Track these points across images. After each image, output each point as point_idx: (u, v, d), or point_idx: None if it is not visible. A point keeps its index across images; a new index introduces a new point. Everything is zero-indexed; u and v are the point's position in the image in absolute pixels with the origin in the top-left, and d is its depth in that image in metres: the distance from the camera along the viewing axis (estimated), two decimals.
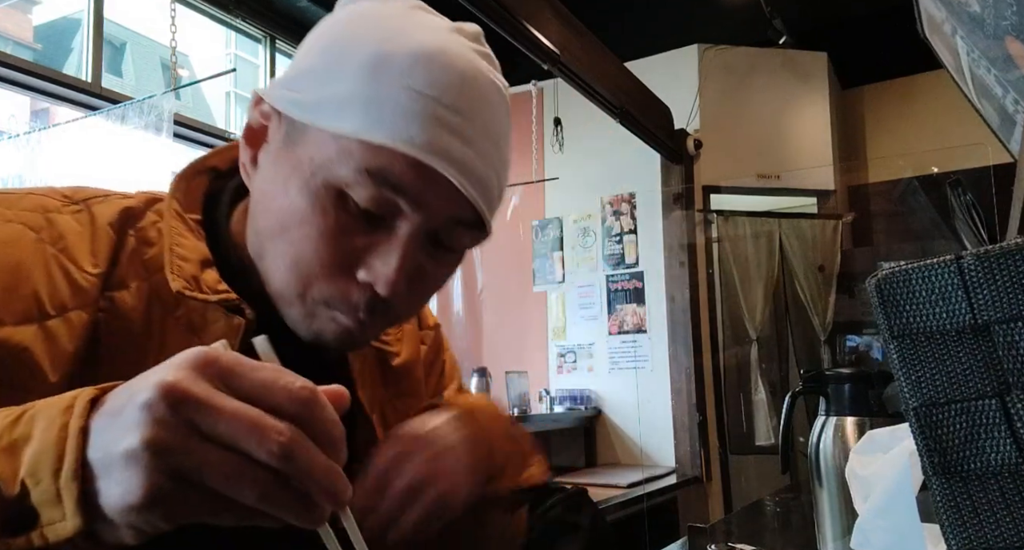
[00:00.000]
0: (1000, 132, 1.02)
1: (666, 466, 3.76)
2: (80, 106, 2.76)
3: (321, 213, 0.53)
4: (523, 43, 2.46)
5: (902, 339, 0.36)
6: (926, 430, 0.35)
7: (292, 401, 0.36)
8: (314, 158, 0.53)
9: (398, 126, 0.51)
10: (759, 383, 3.83)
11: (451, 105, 0.53)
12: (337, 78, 0.53)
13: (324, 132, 0.53)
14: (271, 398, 0.36)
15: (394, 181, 0.52)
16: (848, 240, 4.17)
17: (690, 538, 1.25)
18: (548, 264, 4.24)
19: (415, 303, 0.62)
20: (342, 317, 0.56)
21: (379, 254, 0.54)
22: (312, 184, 0.53)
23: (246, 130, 0.60)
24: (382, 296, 0.54)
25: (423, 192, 0.53)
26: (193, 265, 0.57)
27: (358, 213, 0.54)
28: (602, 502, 2.83)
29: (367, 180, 0.52)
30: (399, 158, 0.51)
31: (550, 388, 4.09)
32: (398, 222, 0.54)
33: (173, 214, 0.59)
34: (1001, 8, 0.74)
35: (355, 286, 0.55)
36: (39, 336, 0.50)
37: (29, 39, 4.00)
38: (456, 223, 0.56)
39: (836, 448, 0.98)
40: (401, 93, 0.51)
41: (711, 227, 3.95)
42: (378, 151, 0.51)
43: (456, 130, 0.53)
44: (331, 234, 0.54)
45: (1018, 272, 0.33)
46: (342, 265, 0.54)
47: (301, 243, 0.54)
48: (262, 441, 0.34)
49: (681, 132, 3.88)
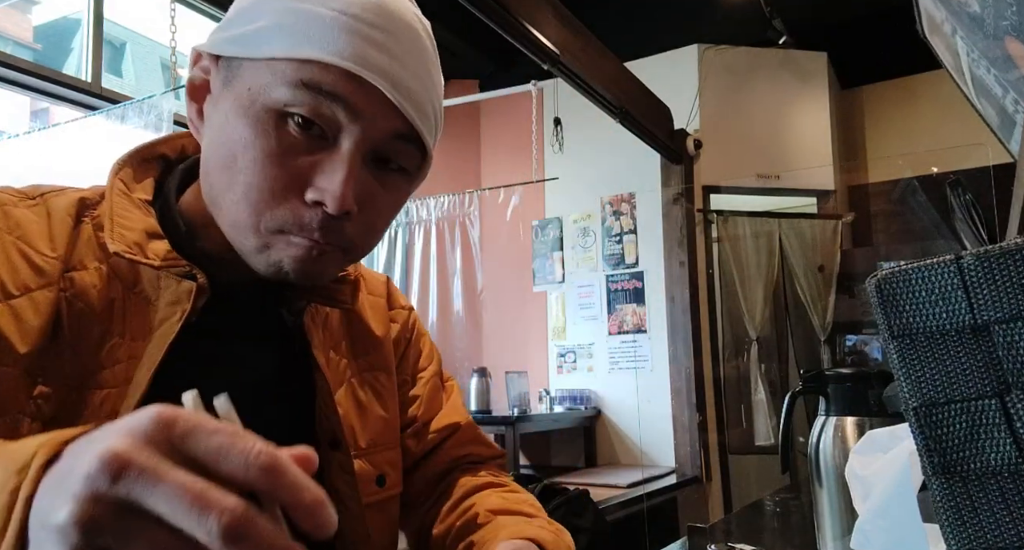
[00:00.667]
0: (1000, 132, 1.02)
1: (666, 466, 3.76)
2: (80, 106, 2.76)
3: (264, 136, 0.55)
4: (523, 43, 2.45)
5: (902, 339, 0.36)
6: (926, 430, 0.35)
7: (249, 468, 0.32)
8: (251, 87, 0.56)
9: (326, 41, 0.54)
10: (759, 383, 3.83)
11: (374, 23, 0.55)
12: (263, 10, 0.57)
13: (257, 61, 0.56)
14: (226, 465, 0.33)
15: (328, 90, 0.54)
16: (848, 240, 4.17)
17: (690, 538, 1.25)
18: (548, 264, 4.24)
19: (368, 228, 0.61)
20: (296, 239, 0.57)
21: (324, 171, 0.56)
22: (252, 111, 0.56)
23: (188, 86, 0.63)
24: (332, 213, 0.56)
25: (358, 102, 0.55)
26: (137, 233, 0.59)
27: (300, 133, 0.56)
28: (602, 502, 2.83)
29: (303, 92, 0.54)
30: (331, 70, 0.54)
31: (550, 388, 4.09)
32: (340, 139, 0.57)
33: (117, 192, 0.61)
34: (1001, 8, 0.74)
35: (305, 207, 0.57)
36: (5, 313, 0.53)
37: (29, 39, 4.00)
38: (395, 138, 0.59)
39: (836, 448, 0.98)
40: (325, 13, 0.54)
41: (711, 227, 3.95)
42: (310, 65, 0.54)
43: (382, 46, 0.55)
44: (276, 156, 0.55)
45: (1018, 272, 0.33)
46: (290, 186, 0.56)
47: (249, 170, 0.56)
48: (203, 519, 0.30)
49: (681, 132, 3.88)
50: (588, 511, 2.41)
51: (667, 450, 3.80)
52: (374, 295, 0.81)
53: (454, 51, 4.38)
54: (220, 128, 0.58)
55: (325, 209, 0.56)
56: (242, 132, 0.56)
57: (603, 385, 4.02)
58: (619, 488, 3.19)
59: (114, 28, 4.19)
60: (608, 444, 3.98)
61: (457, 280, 4.03)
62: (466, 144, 4.51)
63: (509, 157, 4.29)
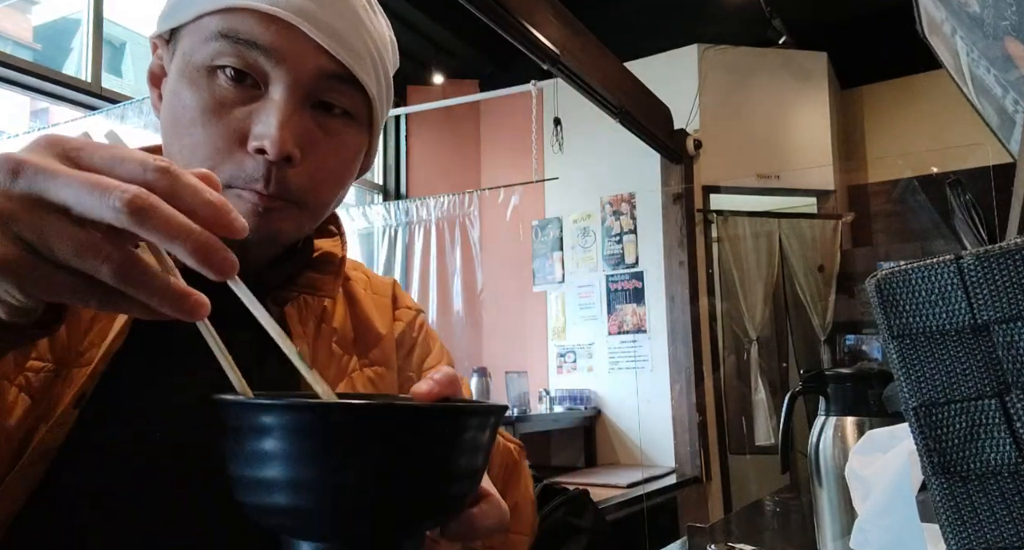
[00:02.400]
0: (1000, 132, 1.02)
1: (666, 466, 3.76)
2: (80, 106, 2.76)
3: (199, 95, 0.57)
4: (523, 43, 2.46)
5: (902, 339, 0.36)
6: (926, 430, 0.35)
7: (147, 171, 0.33)
8: (185, 51, 0.58)
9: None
10: (759, 383, 3.83)
11: None
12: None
13: (187, 26, 0.58)
14: (122, 169, 0.33)
15: (247, 37, 0.55)
16: (848, 240, 4.17)
17: (690, 538, 1.25)
18: (548, 264, 4.24)
19: (316, 178, 0.60)
20: (244, 193, 0.57)
21: (260, 119, 0.56)
22: (187, 73, 0.57)
23: (148, 76, 0.64)
24: (272, 160, 0.56)
25: (279, 44, 0.56)
26: None
27: (232, 86, 0.56)
28: (602, 502, 2.83)
29: (224, 43, 0.55)
30: (248, 15, 0.55)
31: (550, 388, 4.09)
32: (270, 85, 0.57)
33: None
34: (1001, 8, 0.74)
35: (248, 157, 0.57)
36: None
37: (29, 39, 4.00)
38: (327, 77, 0.58)
39: (836, 448, 0.98)
40: None
41: (711, 227, 3.95)
42: (228, 15, 0.56)
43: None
44: (212, 111, 0.56)
45: (1018, 272, 0.33)
46: (231, 139, 0.57)
47: (191, 129, 0.57)
48: (104, 198, 0.31)
49: (681, 132, 3.88)
50: (588, 511, 2.41)
51: (667, 450, 3.80)
52: (378, 294, 0.80)
53: (454, 51, 4.38)
54: (167, 100, 0.59)
55: (267, 157, 0.56)
56: (183, 95, 0.57)
57: (603, 385, 4.02)
58: (619, 488, 3.19)
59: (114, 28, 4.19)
60: (608, 444, 3.98)
61: (457, 280, 4.03)
62: (466, 144, 4.51)
63: (509, 157, 4.29)
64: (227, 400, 0.40)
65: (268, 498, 0.39)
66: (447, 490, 0.42)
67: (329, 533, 0.40)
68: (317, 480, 0.38)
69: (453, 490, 0.42)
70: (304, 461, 0.37)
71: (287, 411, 0.37)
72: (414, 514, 0.41)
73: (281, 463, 0.38)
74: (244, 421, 0.39)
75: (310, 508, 0.38)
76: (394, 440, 0.38)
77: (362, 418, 0.38)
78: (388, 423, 0.39)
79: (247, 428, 0.39)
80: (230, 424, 0.40)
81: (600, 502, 2.80)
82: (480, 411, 0.43)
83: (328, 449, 0.37)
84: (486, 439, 0.44)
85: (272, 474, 0.38)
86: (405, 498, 0.40)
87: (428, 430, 0.40)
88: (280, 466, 0.38)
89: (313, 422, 0.37)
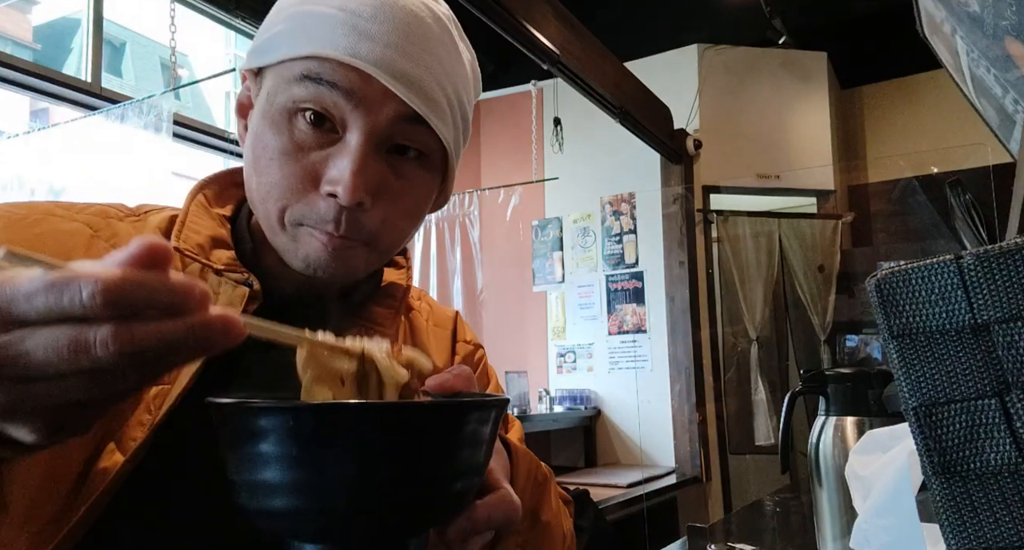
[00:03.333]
0: (1000, 132, 1.02)
1: (666, 466, 3.76)
2: (80, 106, 2.76)
3: (279, 135, 0.59)
4: (523, 43, 2.46)
5: (902, 339, 0.36)
6: (926, 430, 0.35)
7: (94, 304, 0.30)
8: (270, 92, 0.60)
9: (324, 37, 0.57)
10: (759, 383, 3.83)
11: (372, 17, 0.58)
12: (278, 18, 0.61)
13: (274, 66, 0.60)
14: (69, 312, 0.30)
15: (327, 79, 0.57)
16: (848, 240, 4.17)
17: (690, 538, 1.25)
18: (548, 264, 4.24)
19: (388, 220, 0.62)
20: (315, 232, 0.59)
21: (335, 163, 0.58)
22: (270, 114, 0.60)
23: (236, 106, 0.66)
24: (345, 205, 0.57)
25: (357, 91, 0.58)
26: (203, 238, 0.63)
27: (311, 129, 0.59)
28: (602, 502, 2.83)
29: (307, 85, 0.58)
30: (327, 63, 0.57)
31: (550, 388, 4.09)
32: (348, 131, 0.59)
33: (196, 204, 0.66)
34: (1001, 8, 0.74)
35: (321, 200, 0.59)
36: None
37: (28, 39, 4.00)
38: (401, 122, 0.60)
39: (836, 448, 0.98)
40: (326, 11, 0.58)
41: (711, 227, 3.95)
42: (310, 61, 0.58)
43: (377, 37, 0.58)
44: (290, 152, 0.59)
45: (1018, 272, 0.33)
46: (306, 181, 0.59)
47: (269, 168, 0.60)
48: (72, 293, 0.30)
49: (681, 132, 3.88)
50: (588, 511, 2.41)
51: (667, 450, 3.80)
52: (440, 327, 0.81)
53: None
54: (251, 137, 0.62)
55: (338, 201, 0.58)
56: (264, 135, 0.60)
57: (603, 385, 4.02)
58: (619, 488, 3.19)
59: (114, 28, 4.19)
60: (608, 444, 3.98)
61: (457, 280, 4.03)
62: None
63: (509, 157, 4.29)
64: (222, 404, 0.40)
65: (268, 502, 0.38)
66: (449, 487, 0.42)
67: (330, 535, 0.40)
68: (314, 482, 0.38)
69: (455, 486, 0.42)
70: (301, 463, 0.37)
71: (280, 413, 0.37)
72: (416, 512, 0.41)
73: (278, 465, 0.38)
74: (240, 425, 0.39)
75: (309, 510, 0.38)
76: (390, 439, 0.38)
77: (355, 418, 0.38)
78: (382, 422, 0.38)
79: (243, 431, 0.39)
80: (227, 428, 0.40)
81: (600, 502, 2.80)
82: (479, 405, 0.43)
83: (322, 451, 0.37)
84: (487, 433, 0.44)
85: (270, 477, 0.38)
86: (406, 496, 0.40)
87: (425, 427, 0.40)
88: (277, 469, 0.38)
89: (305, 424, 0.37)
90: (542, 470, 0.68)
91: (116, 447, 0.53)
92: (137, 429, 0.54)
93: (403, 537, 0.42)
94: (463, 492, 0.44)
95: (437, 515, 0.43)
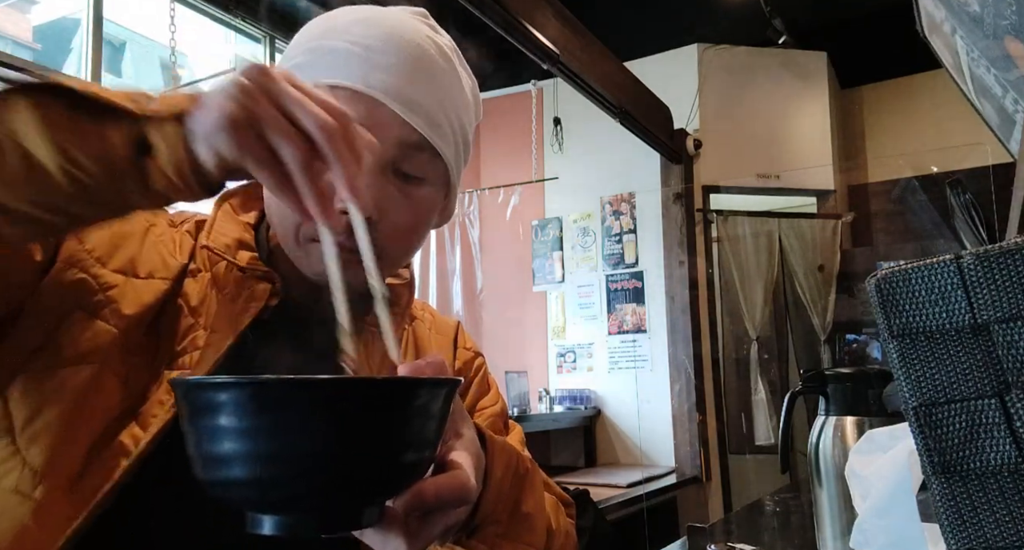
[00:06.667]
0: (1000, 132, 1.02)
1: (666, 466, 3.76)
2: None
3: None
4: (523, 43, 2.46)
5: (902, 339, 0.36)
6: (926, 430, 0.35)
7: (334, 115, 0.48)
8: None
9: (338, 69, 0.64)
10: (759, 383, 3.83)
11: (383, 50, 0.64)
12: (296, 52, 0.68)
13: None
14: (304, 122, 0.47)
15: None
16: (848, 240, 4.17)
17: (690, 538, 1.25)
18: (548, 264, 4.24)
19: (393, 235, 0.67)
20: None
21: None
22: None
23: None
24: None
25: (367, 118, 0.62)
26: (229, 240, 0.70)
27: None
28: (602, 502, 2.84)
29: None
30: (341, 93, 0.63)
31: (550, 388, 4.09)
32: None
33: (224, 211, 0.73)
34: (1001, 8, 0.74)
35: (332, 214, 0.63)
36: (128, 286, 0.64)
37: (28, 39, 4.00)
38: (408, 148, 0.65)
39: (836, 448, 0.99)
40: (340, 45, 0.65)
41: (711, 227, 3.95)
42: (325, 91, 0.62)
43: (387, 68, 0.64)
44: None
45: (1018, 272, 0.33)
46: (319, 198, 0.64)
47: None
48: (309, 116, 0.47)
49: (681, 132, 3.88)
50: (588, 511, 2.41)
51: (667, 450, 3.80)
52: (441, 335, 0.85)
53: None
54: None
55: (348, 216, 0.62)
56: None
57: (603, 385, 4.02)
58: (619, 488, 3.19)
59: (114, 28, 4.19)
60: (608, 444, 3.98)
61: (457, 280, 4.03)
62: None
63: (509, 157, 4.29)
64: (180, 381, 0.43)
65: (222, 473, 0.41)
66: (396, 459, 0.44)
67: (283, 505, 0.43)
68: (263, 453, 0.41)
69: (403, 459, 0.44)
70: (251, 436, 0.40)
71: (230, 388, 0.40)
72: (365, 483, 0.43)
73: (230, 438, 0.41)
74: (199, 400, 0.42)
75: (259, 481, 0.41)
76: (335, 413, 0.41)
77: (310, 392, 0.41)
78: (326, 396, 0.41)
79: (202, 407, 0.41)
80: (185, 403, 0.43)
81: (600, 502, 2.80)
82: (429, 383, 0.47)
83: (271, 424, 0.40)
84: (437, 410, 0.47)
85: (223, 449, 0.41)
86: (353, 467, 0.42)
87: (370, 401, 0.42)
88: (229, 441, 0.41)
89: (260, 398, 0.40)
90: (524, 463, 0.69)
91: (136, 423, 0.59)
92: (157, 407, 0.60)
93: (355, 507, 0.45)
94: (412, 465, 0.46)
95: (387, 487, 0.46)
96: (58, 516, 0.55)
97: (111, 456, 0.57)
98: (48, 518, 0.55)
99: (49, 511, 0.55)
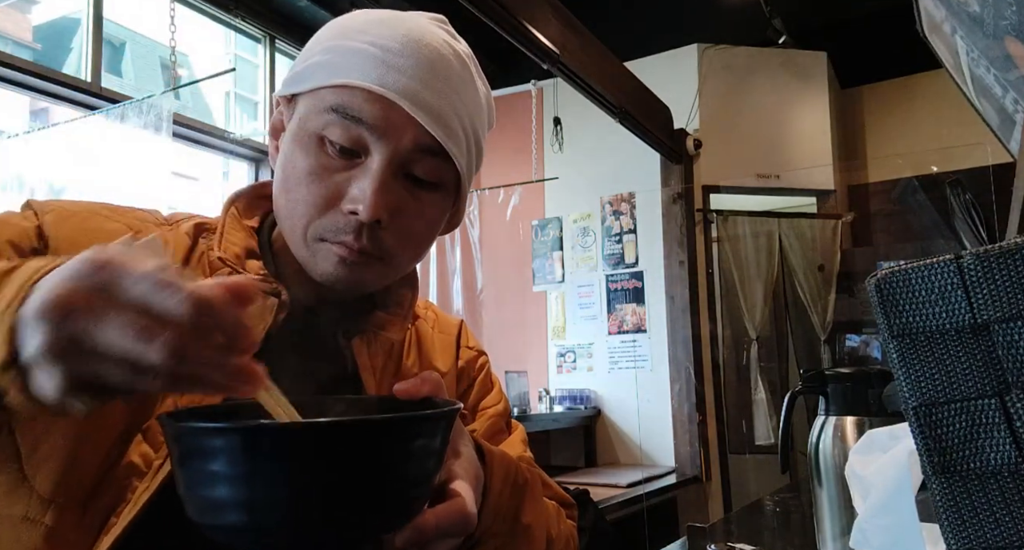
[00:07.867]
0: (1000, 132, 1.02)
1: (666, 466, 3.76)
2: (80, 106, 2.75)
3: (307, 157, 0.65)
4: (523, 43, 2.45)
5: (902, 339, 0.36)
6: (926, 430, 0.35)
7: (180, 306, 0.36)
8: (302, 117, 0.66)
9: (354, 69, 0.63)
10: (759, 383, 3.83)
11: (400, 52, 0.64)
12: (314, 50, 0.67)
13: (307, 94, 0.66)
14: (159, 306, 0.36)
15: (355, 113, 0.63)
16: (848, 240, 4.17)
17: (690, 538, 1.25)
18: (548, 264, 4.24)
19: (403, 238, 0.67)
20: (335, 247, 0.64)
21: (357, 183, 0.64)
22: (301, 137, 0.65)
23: (270, 129, 0.72)
24: (364, 220, 0.63)
25: (381, 120, 0.63)
26: (239, 248, 0.69)
27: (337, 155, 0.64)
28: (602, 502, 2.83)
29: (334, 117, 0.63)
30: (357, 93, 0.63)
31: (550, 388, 4.09)
32: (370, 156, 0.64)
33: (230, 216, 0.72)
34: (1001, 8, 0.74)
35: (343, 216, 0.64)
36: None
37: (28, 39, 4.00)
38: (421, 152, 0.65)
39: (836, 448, 0.98)
40: (358, 46, 0.64)
41: (711, 227, 3.95)
42: (340, 91, 0.63)
43: (404, 70, 0.63)
44: (316, 173, 0.64)
45: (1018, 272, 0.33)
46: (329, 199, 0.64)
47: (297, 187, 0.65)
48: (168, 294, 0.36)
49: (681, 132, 3.88)
50: (588, 511, 2.41)
51: (667, 450, 3.80)
52: (444, 333, 0.85)
53: None
54: (282, 157, 0.68)
55: (358, 217, 0.62)
56: (293, 157, 0.65)
57: (603, 385, 4.02)
58: (619, 488, 3.19)
59: (114, 28, 4.18)
60: (608, 444, 3.98)
61: (457, 280, 4.03)
62: None
63: (509, 157, 4.28)
64: (169, 423, 0.41)
65: (217, 518, 0.40)
66: (394, 498, 0.43)
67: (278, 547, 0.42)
68: (257, 498, 0.39)
69: (401, 497, 0.43)
70: (243, 481, 0.39)
71: (219, 435, 0.39)
72: (363, 523, 0.42)
73: (223, 483, 0.39)
74: (185, 444, 0.40)
75: (254, 525, 0.40)
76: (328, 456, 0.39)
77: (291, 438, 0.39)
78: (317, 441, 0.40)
79: (189, 450, 0.40)
80: (176, 445, 0.41)
81: (600, 502, 2.80)
82: (428, 418, 0.45)
83: (263, 469, 0.39)
84: (434, 445, 0.45)
85: (216, 494, 0.39)
86: (350, 509, 0.40)
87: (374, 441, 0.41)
88: (222, 486, 0.39)
89: (244, 444, 0.39)
90: (523, 473, 0.69)
91: (143, 438, 0.58)
92: None
93: (354, 545, 0.44)
94: (410, 501, 0.45)
95: (384, 525, 0.44)
96: (72, 541, 0.54)
97: (124, 476, 0.56)
98: (61, 543, 0.54)
99: (63, 537, 0.54)
